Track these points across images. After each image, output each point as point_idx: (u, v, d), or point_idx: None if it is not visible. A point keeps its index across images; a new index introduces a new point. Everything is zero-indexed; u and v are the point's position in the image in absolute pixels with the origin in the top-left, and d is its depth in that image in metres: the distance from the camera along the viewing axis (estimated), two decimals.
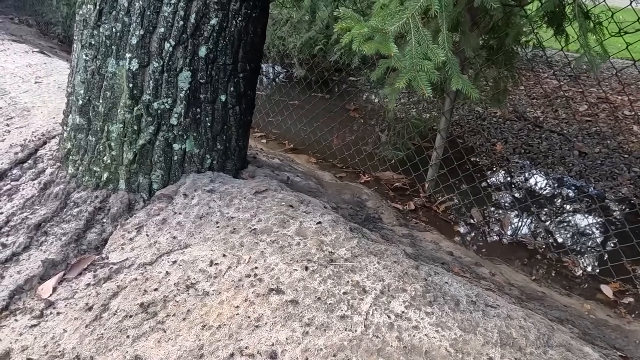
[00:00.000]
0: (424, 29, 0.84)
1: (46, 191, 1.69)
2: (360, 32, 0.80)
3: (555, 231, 2.32)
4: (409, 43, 0.86)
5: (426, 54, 0.85)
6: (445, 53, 0.86)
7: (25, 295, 1.41)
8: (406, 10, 0.85)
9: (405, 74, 0.87)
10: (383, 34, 0.83)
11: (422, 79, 0.86)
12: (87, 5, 1.48)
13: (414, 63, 0.83)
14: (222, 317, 1.15)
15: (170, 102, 1.54)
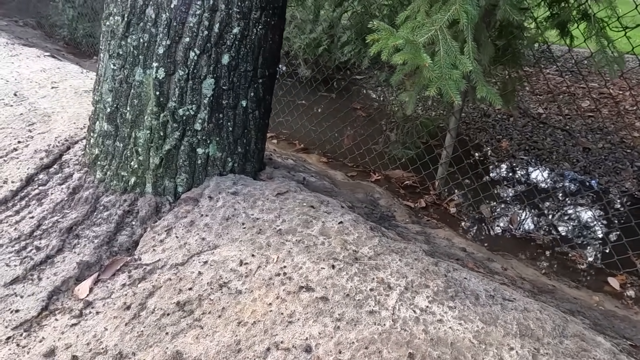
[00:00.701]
0: (451, 40, 0.90)
1: (75, 195, 1.75)
2: (395, 44, 0.86)
3: (562, 226, 2.39)
4: (437, 53, 0.92)
5: (454, 64, 0.91)
6: (472, 63, 0.92)
7: (62, 295, 1.48)
8: (434, 23, 0.90)
9: (435, 82, 0.93)
10: (413, 45, 0.88)
11: (451, 87, 0.92)
12: (115, 17, 1.54)
13: (443, 72, 0.89)
14: (256, 313, 1.22)
15: (194, 108, 1.60)
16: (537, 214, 2.46)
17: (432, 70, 0.89)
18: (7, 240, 1.69)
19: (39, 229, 1.70)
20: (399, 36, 0.86)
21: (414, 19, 0.96)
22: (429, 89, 0.95)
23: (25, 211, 1.79)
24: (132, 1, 1.48)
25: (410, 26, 0.94)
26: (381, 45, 0.93)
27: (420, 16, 0.98)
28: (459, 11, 0.87)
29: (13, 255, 1.62)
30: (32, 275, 1.55)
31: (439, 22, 0.90)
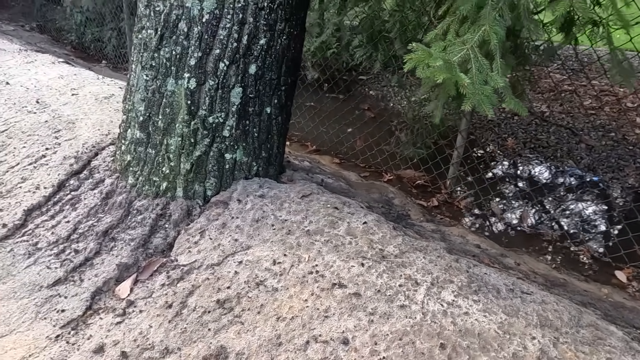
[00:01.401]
0: (482, 58, 0.99)
1: (109, 200, 1.84)
2: (436, 65, 0.94)
3: (570, 222, 2.49)
4: (470, 71, 1.01)
5: (486, 80, 0.99)
6: (502, 79, 1.00)
7: (104, 295, 1.56)
8: (466, 42, 0.99)
9: (469, 98, 1.01)
10: (449, 65, 0.97)
11: (484, 102, 1.01)
12: (147, 31, 1.62)
13: (477, 89, 0.97)
14: (293, 309, 1.31)
15: (223, 116, 1.69)
16: (545, 210, 2.56)
17: (468, 87, 0.97)
18: (46, 243, 1.77)
19: (75, 233, 1.78)
20: (437, 57, 0.95)
21: (446, 39, 1.04)
22: (464, 104, 1.03)
23: (60, 216, 1.87)
24: (165, 16, 1.56)
25: (442, 45, 1.02)
26: (416, 62, 1.01)
27: (451, 35, 1.06)
28: (489, 32, 0.95)
29: (53, 258, 1.71)
30: (73, 277, 1.63)
31: (470, 42, 0.98)
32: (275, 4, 1.61)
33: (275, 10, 1.62)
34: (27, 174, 2.12)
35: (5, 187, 2.07)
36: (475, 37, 0.97)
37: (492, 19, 0.95)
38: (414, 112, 2.90)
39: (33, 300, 1.57)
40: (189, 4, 1.53)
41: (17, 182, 2.09)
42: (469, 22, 1.02)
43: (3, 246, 1.80)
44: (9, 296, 1.59)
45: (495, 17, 0.95)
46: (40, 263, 1.69)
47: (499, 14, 0.96)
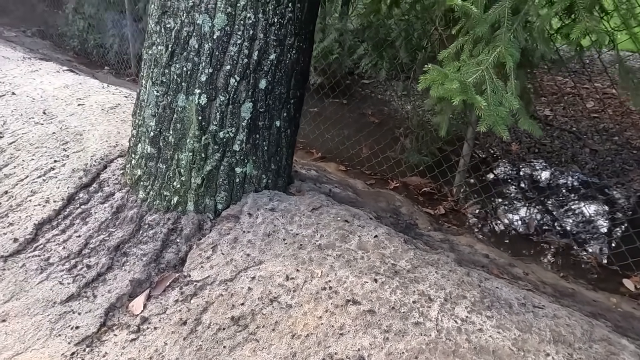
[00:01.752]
0: (497, 80, 0.99)
1: (119, 214, 1.84)
2: (452, 87, 0.95)
3: (577, 229, 2.50)
4: (484, 92, 1.01)
5: (501, 102, 1.00)
6: (518, 101, 1.01)
7: (118, 312, 1.57)
8: (480, 64, 1.00)
9: (485, 120, 1.02)
10: (464, 85, 0.98)
11: (499, 124, 1.01)
12: (158, 47, 1.63)
13: (492, 110, 0.98)
14: (308, 327, 1.32)
15: (234, 130, 1.70)
16: (551, 217, 2.57)
17: (484, 110, 0.98)
18: (57, 258, 1.78)
19: (86, 247, 1.79)
20: (453, 78, 0.96)
21: (460, 59, 1.05)
22: (479, 125, 1.04)
23: (71, 230, 1.88)
24: (176, 32, 1.57)
25: (457, 66, 1.03)
26: (430, 82, 1.02)
27: (465, 55, 1.07)
28: (504, 55, 0.96)
29: (65, 274, 1.71)
30: (86, 293, 1.64)
31: (485, 63, 0.99)
32: (285, 19, 1.61)
33: (285, 26, 1.63)
34: (36, 187, 2.13)
35: (15, 201, 2.08)
36: (490, 58, 0.98)
37: (508, 40, 0.96)
38: (419, 118, 2.91)
39: (47, 316, 1.57)
40: (200, 21, 1.53)
41: (27, 195, 2.10)
42: (483, 42, 1.03)
43: (15, 261, 1.81)
44: (23, 313, 1.60)
45: (510, 38, 0.96)
46: (53, 278, 1.70)
47: (513, 35, 0.97)
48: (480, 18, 0.95)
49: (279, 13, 1.59)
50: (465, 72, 0.99)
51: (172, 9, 1.55)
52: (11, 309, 1.61)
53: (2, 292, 1.68)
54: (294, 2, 1.61)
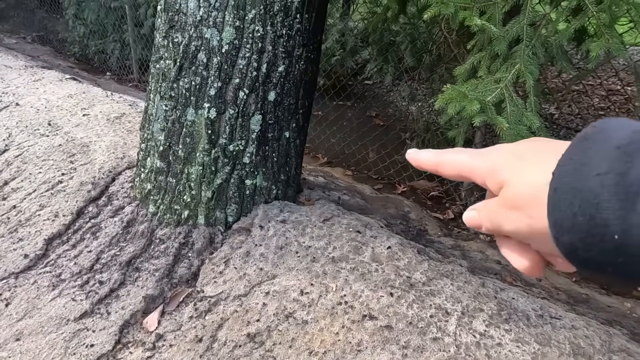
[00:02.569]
0: (516, 98, 0.98)
1: (130, 229, 1.84)
2: (473, 108, 0.94)
3: None
4: (504, 110, 1.00)
5: (521, 120, 0.99)
6: (538, 119, 1.00)
7: (132, 328, 1.56)
8: (499, 82, 0.98)
9: (505, 139, 1.01)
10: (484, 104, 0.96)
11: None
12: (166, 61, 1.62)
13: (513, 129, 0.97)
14: (325, 343, 1.31)
15: (243, 143, 1.68)
16: None
17: (506, 131, 0.97)
18: (69, 274, 1.77)
19: (98, 263, 1.79)
20: (473, 99, 0.94)
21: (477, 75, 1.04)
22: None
23: (82, 245, 1.87)
24: (184, 47, 1.55)
25: (475, 83, 1.01)
26: (447, 101, 1.01)
27: (483, 72, 1.06)
28: (524, 72, 0.95)
29: (77, 290, 1.71)
30: (99, 310, 1.64)
31: (504, 81, 0.97)
32: (294, 31, 1.60)
33: (294, 37, 1.61)
34: (44, 201, 2.12)
35: (24, 215, 2.08)
36: (509, 75, 0.97)
37: (527, 57, 0.94)
38: (425, 121, 2.89)
39: (61, 334, 1.57)
40: (208, 35, 1.52)
41: (36, 209, 2.09)
42: (500, 58, 1.01)
43: (26, 278, 1.81)
44: (37, 331, 1.59)
45: (529, 55, 0.95)
46: (65, 295, 1.70)
47: (532, 52, 0.95)
48: (499, 36, 0.94)
49: (287, 25, 1.57)
50: (484, 89, 0.97)
51: (180, 23, 1.54)
52: (25, 327, 1.61)
53: (15, 310, 1.67)
54: (301, 13, 1.60)
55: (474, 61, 1.07)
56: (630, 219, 0.26)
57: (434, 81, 2.77)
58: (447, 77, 2.69)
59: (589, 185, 0.29)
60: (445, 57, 2.61)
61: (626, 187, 0.27)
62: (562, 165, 0.31)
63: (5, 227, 2.05)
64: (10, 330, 1.60)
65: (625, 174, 0.27)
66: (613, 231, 0.27)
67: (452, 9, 0.92)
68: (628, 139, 0.29)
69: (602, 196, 0.28)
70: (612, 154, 0.29)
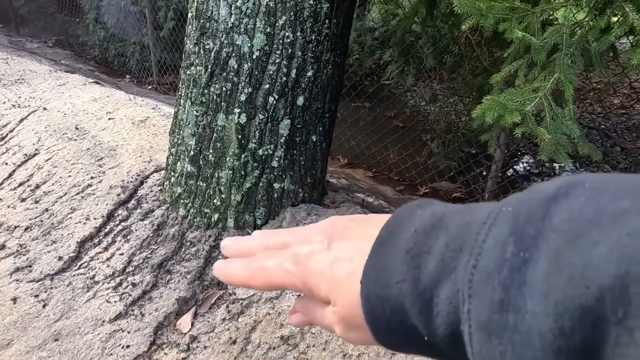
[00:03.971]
0: (556, 107, 0.98)
1: (161, 232, 1.87)
2: (514, 120, 0.94)
3: None
4: (544, 120, 1.00)
5: (560, 129, 0.99)
6: (578, 128, 1.00)
7: (166, 330, 1.60)
8: (538, 91, 0.99)
9: (546, 150, 1.01)
10: (524, 115, 0.97)
11: (560, 152, 1.01)
12: (197, 67, 1.65)
13: (553, 138, 0.97)
14: (359, 346, 1.33)
15: (272, 147, 1.71)
16: None
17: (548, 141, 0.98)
18: (102, 276, 1.82)
19: (130, 265, 1.83)
20: (512, 109, 0.95)
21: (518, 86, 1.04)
22: (540, 154, 1.04)
23: (114, 247, 1.92)
24: (215, 53, 1.58)
25: (512, 92, 1.02)
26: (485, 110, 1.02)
27: (520, 80, 1.06)
28: (563, 81, 0.95)
29: (111, 292, 1.75)
30: (133, 311, 1.67)
31: (542, 90, 0.98)
32: (322, 36, 1.62)
33: (322, 42, 1.63)
34: (75, 204, 2.17)
35: (56, 218, 2.13)
36: (548, 84, 0.97)
37: (566, 66, 0.94)
38: (446, 122, 2.88)
39: (97, 335, 1.61)
40: (240, 42, 1.55)
41: (67, 212, 2.14)
42: (538, 67, 1.02)
43: (61, 279, 1.86)
44: (74, 331, 1.64)
45: (568, 63, 0.95)
46: (100, 297, 1.74)
47: (571, 60, 0.95)
48: (539, 46, 0.94)
49: (316, 30, 1.59)
50: (522, 99, 0.97)
51: (212, 30, 1.57)
52: (62, 328, 1.66)
53: (53, 311, 1.72)
54: (330, 19, 1.61)
55: (510, 69, 1.07)
56: (431, 324, 0.27)
57: (455, 82, 2.76)
58: (469, 77, 2.68)
59: (392, 293, 0.29)
60: (467, 57, 2.60)
61: (421, 294, 0.27)
62: (366, 274, 0.31)
63: (38, 229, 2.10)
64: (48, 330, 1.65)
65: (417, 280, 0.27)
66: (422, 333, 0.28)
67: (491, 21, 0.92)
68: (412, 242, 0.29)
69: (405, 304, 0.28)
70: (403, 259, 0.29)
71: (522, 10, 0.94)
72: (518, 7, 0.96)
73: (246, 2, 1.50)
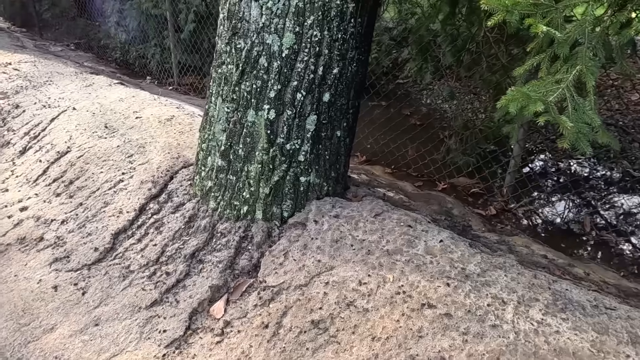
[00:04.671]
0: (578, 97, 1.03)
1: (192, 224, 1.96)
2: (537, 109, 1.00)
3: (634, 228, 2.48)
4: (566, 110, 1.06)
5: (582, 118, 1.04)
6: (599, 117, 1.05)
7: (200, 316, 1.68)
8: (560, 82, 1.04)
9: (567, 138, 1.07)
10: (547, 106, 1.02)
11: (582, 140, 1.06)
12: (228, 66, 1.72)
13: (574, 127, 1.02)
14: (387, 329, 1.39)
15: (299, 142, 1.78)
16: (606, 217, 2.56)
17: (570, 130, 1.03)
18: (137, 266, 1.91)
19: (163, 255, 1.91)
20: (536, 99, 1.00)
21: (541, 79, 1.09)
22: (561, 142, 1.09)
23: (147, 239, 2.01)
24: (246, 52, 1.66)
25: (536, 84, 1.07)
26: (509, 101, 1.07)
27: (543, 73, 1.11)
28: (586, 74, 1.00)
29: (146, 280, 1.84)
30: (167, 298, 1.76)
31: (565, 82, 1.03)
32: (348, 35, 1.68)
33: (348, 40, 1.69)
34: (108, 199, 2.27)
35: (91, 212, 2.23)
36: (570, 76, 1.02)
37: (588, 59, 0.99)
38: (463, 119, 2.93)
39: (135, 321, 1.70)
40: (270, 41, 1.62)
41: (101, 206, 2.24)
42: (561, 60, 1.07)
43: (98, 269, 1.95)
44: (113, 317, 1.73)
45: (590, 56, 0.99)
46: (135, 285, 1.83)
47: (593, 53, 1.00)
48: (562, 40, 0.99)
49: (343, 29, 1.66)
50: (545, 90, 1.03)
51: (243, 30, 1.65)
52: (102, 314, 1.75)
53: (92, 298, 1.82)
54: (355, 18, 1.68)
55: (533, 63, 1.12)
56: None
57: (473, 79, 2.80)
58: (487, 75, 2.73)
59: None
60: (485, 55, 2.64)
61: None
62: None
63: (74, 222, 2.21)
64: (89, 316, 1.75)
65: None
66: None
67: (517, 17, 0.97)
68: None
69: None
70: None
71: (545, 6, 0.99)
72: (542, 3, 1.01)
73: (276, 2, 1.57)
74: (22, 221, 2.31)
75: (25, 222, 2.30)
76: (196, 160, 2.03)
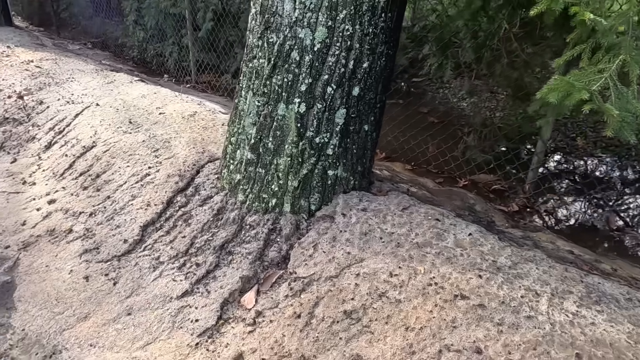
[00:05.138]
0: (621, 86, 1.04)
1: (220, 216, 1.98)
2: (582, 97, 1.01)
3: None
4: (609, 98, 1.06)
5: (626, 107, 1.05)
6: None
7: (231, 306, 1.70)
8: (603, 72, 1.05)
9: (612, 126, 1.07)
10: (591, 94, 1.03)
11: (625, 129, 1.06)
12: (260, 60, 1.75)
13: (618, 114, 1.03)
14: (420, 320, 1.40)
15: (328, 136, 1.80)
16: (630, 213, 2.54)
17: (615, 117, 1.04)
18: (167, 257, 1.94)
19: (192, 247, 1.94)
20: (581, 88, 1.01)
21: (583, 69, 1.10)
22: (607, 130, 1.10)
23: (175, 231, 2.04)
24: (278, 46, 1.68)
25: (578, 74, 1.08)
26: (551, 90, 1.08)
27: (584, 63, 1.12)
28: (630, 63, 1.01)
29: (176, 271, 1.87)
30: (198, 289, 1.79)
31: (608, 71, 1.04)
32: (378, 29, 1.70)
33: (378, 35, 1.71)
34: (135, 192, 2.31)
35: (119, 205, 2.27)
36: (614, 66, 1.03)
37: (631, 48, 1.00)
38: (482, 117, 2.92)
39: (167, 310, 1.73)
40: (302, 35, 1.64)
41: (128, 199, 2.28)
42: (602, 49, 1.07)
43: (127, 260, 1.99)
44: (145, 307, 1.76)
45: (634, 46, 1.00)
46: (166, 276, 1.86)
47: (637, 43, 1.01)
48: (607, 29, 1.00)
49: (374, 23, 1.67)
50: (588, 80, 1.03)
51: (275, 25, 1.67)
52: (134, 304, 1.78)
53: (123, 288, 1.85)
54: (386, 12, 1.69)
55: (573, 53, 1.13)
56: None
57: (493, 76, 2.80)
58: (508, 71, 2.72)
59: None
60: (506, 51, 2.64)
61: None
62: None
63: (102, 215, 2.24)
64: (121, 305, 1.78)
65: None
66: None
67: (561, 5, 0.98)
68: None
69: None
70: None
71: None
72: None
73: None
74: (51, 214, 2.35)
75: (54, 215, 2.34)
76: (224, 153, 2.05)
